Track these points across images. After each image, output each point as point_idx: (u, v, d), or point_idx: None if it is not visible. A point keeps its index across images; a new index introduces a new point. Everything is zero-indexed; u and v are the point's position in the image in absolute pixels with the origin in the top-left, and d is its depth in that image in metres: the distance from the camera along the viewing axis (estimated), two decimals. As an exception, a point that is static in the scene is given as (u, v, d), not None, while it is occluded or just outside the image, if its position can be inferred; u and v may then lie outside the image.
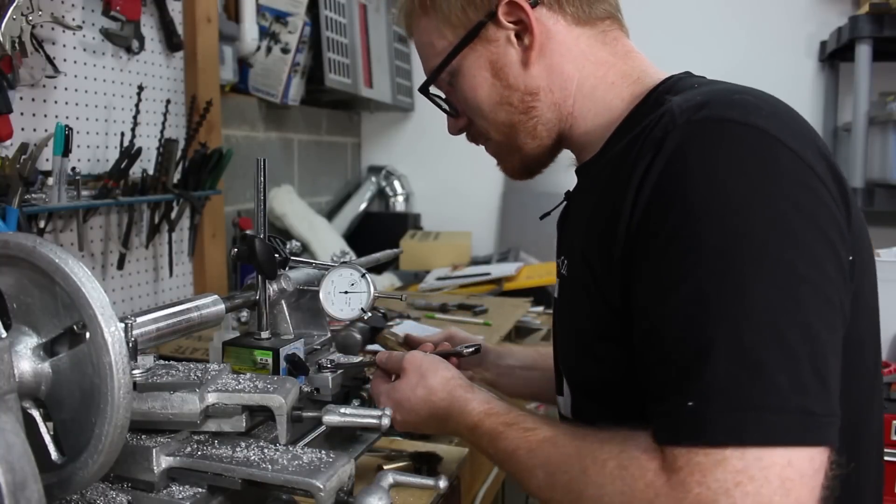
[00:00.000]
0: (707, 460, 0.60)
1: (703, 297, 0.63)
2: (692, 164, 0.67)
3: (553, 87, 0.88)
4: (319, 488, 0.70)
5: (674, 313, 0.65)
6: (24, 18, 1.26)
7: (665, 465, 0.62)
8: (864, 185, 2.33)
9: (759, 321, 0.61)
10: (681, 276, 0.65)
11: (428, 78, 0.94)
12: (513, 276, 2.29)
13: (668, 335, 0.66)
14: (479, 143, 0.99)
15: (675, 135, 0.69)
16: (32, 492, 0.56)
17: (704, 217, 0.65)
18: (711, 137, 0.68)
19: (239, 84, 2.13)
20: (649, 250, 0.69)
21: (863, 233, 0.77)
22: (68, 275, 0.63)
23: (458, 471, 1.06)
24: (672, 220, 0.67)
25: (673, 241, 0.67)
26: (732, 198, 0.65)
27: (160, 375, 0.80)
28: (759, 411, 0.60)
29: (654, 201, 0.69)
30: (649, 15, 2.69)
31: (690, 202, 0.66)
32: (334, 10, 2.37)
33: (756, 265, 0.63)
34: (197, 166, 1.70)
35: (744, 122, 0.68)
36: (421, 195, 3.09)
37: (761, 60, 2.69)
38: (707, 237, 0.65)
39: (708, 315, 0.63)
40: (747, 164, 0.66)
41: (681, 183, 0.67)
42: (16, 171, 1.27)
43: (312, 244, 2.36)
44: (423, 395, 0.91)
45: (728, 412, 0.60)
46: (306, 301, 1.10)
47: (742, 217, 0.64)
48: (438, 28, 0.91)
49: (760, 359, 0.61)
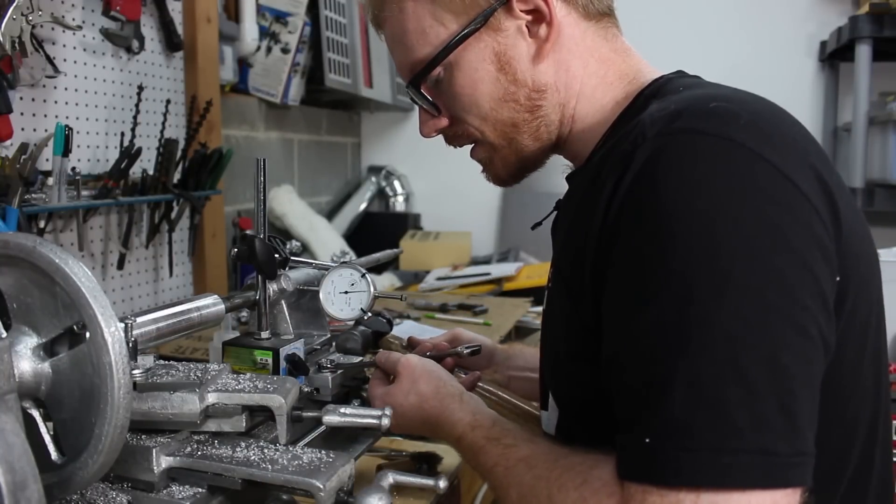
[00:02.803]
0: (661, 501, 0.57)
1: (664, 327, 0.60)
2: (659, 182, 0.63)
3: (559, 85, 0.83)
4: (319, 488, 0.70)
5: (634, 342, 0.62)
6: (24, 18, 1.26)
7: (622, 501, 0.61)
8: (864, 185, 2.33)
9: (719, 355, 0.57)
10: (643, 301, 0.62)
11: (422, 70, 0.84)
12: (513, 276, 2.29)
13: (629, 364, 0.63)
14: (460, 145, 0.91)
15: (645, 148, 0.65)
16: (32, 492, 0.56)
17: (669, 240, 0.61)
18: (680, 152, 0.63)
19: (239, 84, 2.13)
20: (615, 272, 0.66)
21: (862, 246, 0.72)
22: (68, 275, 0.63)
23: (458, 471, 1.06)
24: (637, 241, 0.63)
25: (637, 263, 0.63)
26: (699, 220, 0.60)
27: (160, 375, 0.80)
28: (715, 452, 0.56)
29: (621, 220, 0.65)
30: (649, 15, 2.69)
31: (656, 224, 0.62)
32: (334, 10, 2.37)
33: (720, 293, 0.58)
34: (197, 166, 1.70)
35: (717, 134, 0.63)
36: (421, 195, 3.09)
37: (761, 60, 2.69)
38: (671, 261, 0.60)
39: (668, 346, 0.59)
40: (717, 182, 0.61)
41: (647, 203, 0.63)
42: (16, 171, 1.27)
43: (312, 244, 2.36)
44: (415, 401, 0.90)
45: (683, 451, 0.57)
46: (306, 301, 1.10)
47: (708, 241, 0.60)
48: (435, 13, 0.81)
49: (719, 396, 0.57)
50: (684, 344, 0.59)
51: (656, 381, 0.59)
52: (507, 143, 0.86)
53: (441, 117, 0.88)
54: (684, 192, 0.61)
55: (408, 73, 0.87)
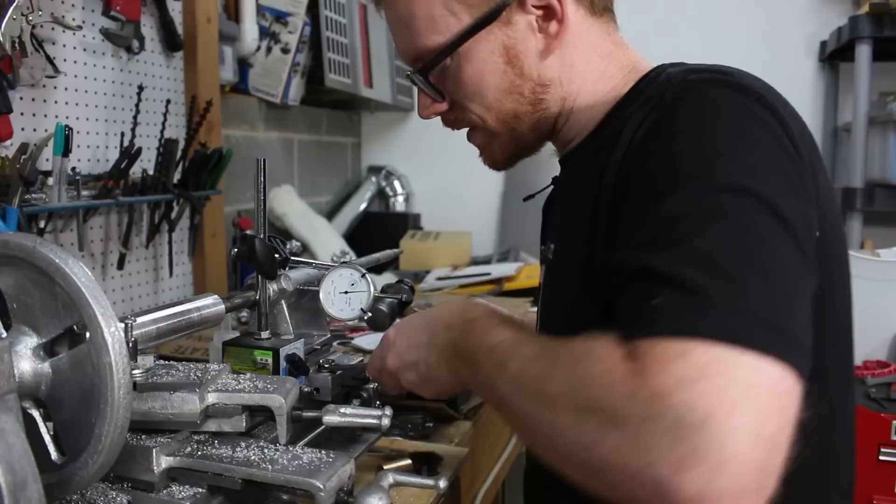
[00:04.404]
0: (669, 351, 0.54)
1: (682, 214, 0.62)
2: (680, 111, 0.70)
3: (563, 79, 0.86)
4: (319, 488, 0.70)
5: (651, 229, 0.64)
6: (24, 18, 1.26)
7: (628, 354, 0.57)
8: (864, 185, 2.33)
9: (736, 242, 0.60)
10: (664, 193, 0.64)
11: (432, 59, 0.85)
12: (513, 276, 2.29)
13: (645, 244, 0.63)
14: (457, 129, 0.93)
15: (671, 93, 0.72)
16: (32, 492, 0.56)
17: (687, 153, 0.66)
18: (703, 92, 0.71)
19: (239, 84, 2.13)
20: (631, 188, 0.69)
21: (836, 220, 0.77)
22: (68, 275, 0.63)
23: (458, 471, 1.07)
24: (655, 159, 0.68)
25: (654, 173, 0.67)
26: (717, 142, 0.66)
27: (160, 375, 0.80)
28: (728, 313, 0.55)
29: (641, 146, 0.70)
30: (650, 15, 2.69)
31: (675, 141, 0.67)
32: (334, 10, 2.37)
33: (733, 196, 0.62)
34: (197, 166, 1.70)
35: (738, 83, 0.71)
36: (421, 195, 3.09)
37: (761, 60, 2.67)
38: (688, 167, 0.65)
39: (686, 229, 0.61)
40: (733, 112, 0.68)
41: (667, 127, 0.69)
42: (16, 171, 1.27)
43: (312, 244, 2.36)
44: (427, 312, 0.90)
45: (696, 309, 0.56)
46: (306, 301, 1.10)
47: (725, 157, 0.65)
48: (447, 3, 0.82)
49: (736, 272, 0.58)
50: (701, 228, 0.60)
51: (672, 258, 0.60)
52: (506, 132, 0.89)
53: (442, 103, 0.90)
54: (706, 117, 0.69)
55: (412, 58, 0.88)
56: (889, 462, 1.71)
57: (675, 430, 0.50)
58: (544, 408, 0.60)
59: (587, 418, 0.56)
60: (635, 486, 0.53)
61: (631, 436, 0.53)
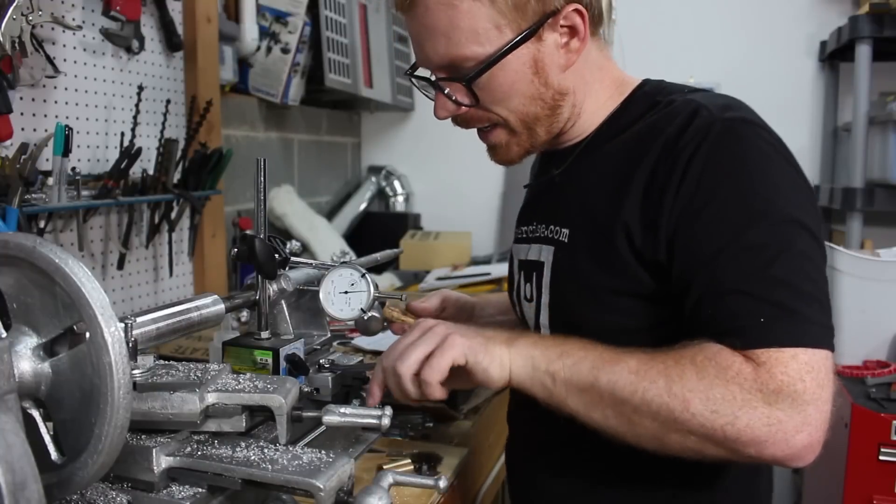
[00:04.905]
0: (784, 356, 0.78)
1: (762, 245, 0.82)
2: (744, 147, 0.86)
3: (577, 90, 0.97)
4: (319, 488, 0.70)
5: (738, 255, 0.82)
6: (24, 18, 1.26)
7: (748, 360, 0.79)
8: (864, 185, 2.32)
9: (802, 268, 0.82)
10: (744, 226, 0.82)
11: (477, 70, 0.91)
12: (513, 276, 2.29)
13: (735, 272, 0.82)
14: (472, 128, 1.00)
15: (719, 125, 0.86)
16: (32, 492, 0.56)
17: (749, 190, 0.84)
18: (749, 130, 0.87)
19: (239, 84, 2.13)
20: (709, 209, 0.84)
21: None
22: (68, 275, 0.63)
23: (458, 471, 1.07)
24: (728, 186, 0.84)
25: (734, 199, 0.84)
26: (768, 178, 0.85)
27: (160, 375, 0.80)
28: (810, 324, 0.79)
29: (706, 175, 0.85)
30: (649, 15, 2.69)
31: (745, 175, 0.85)
32: (334, 10, 2.37)
33: (791, 228, 0.82)
34: (197, 166, 1.70)
35: (760, 124, 0.89)
36: (421, 195, 3.09)
37: (761, 60, 2.69)
38: (755, 204, 0.83)
39: (767, 258, 0.81)
40: (769, 150, 0.87)
41: (733, 161, 0.85)
42: (16, 171, 1.27)
43: (312, 244, 2.36)
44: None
45: (793, 324, 0.79)
46: (306, 301, 1.10)
47: (780, 194, 0.84)
48: (492, 17, 0.89)
49: (808, 292, 0.81)
50: (775, 257, 0.81)
51: (761, 283, 0.81)
52: (525, 131, 0.98)
53: (464, 106, 0.96)
54: (761, 157, 0.86)
55: (443, 64, 0.94)
56: (889, 462, 1.71)
57: (795, 406, 0.76)
58: (676, 401, 0.79)
59: (722, 407, 0.77)
60: (762, 447, 0.77)
61: (763, 415, 0.76)
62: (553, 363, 0.85)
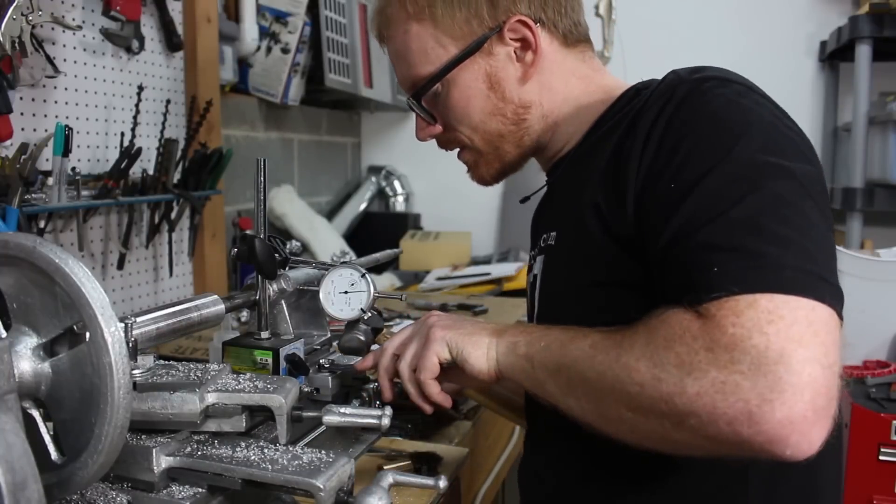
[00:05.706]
0: (738, 304, 0.63)
1: (720, 190, 0.70)
2: (706, 100, 0.77)
3: (543, 101, 0.96)
4: (319, 488, 0.70)
5: (692, 207, 0.71)
6: (24, 18, 1.26)
7: (699, 314, 0.65)
8: (864, 185, 2.33)
9: (772, 208, 0.68)
10: (698, 176, 0.71)
11: (423, 86, 0.96)
12: (513, 276, 2.29)
13: (690, 225, 0.70)
14: (450, 149, 1.04)
15: (684, 86, 0.79)
16: (32, 492, 0.56)
17: (710, 139, 0.73)
18: (716, 85, 0.78)
19: (239, 84, 2.13)
20: (670, 166, 0.75)
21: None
22: (68, 275, 0.63)
23: (458, 471, 1.07)
24: (697, 136, 0.74)
25: (700, 150, 0.73)
26: (735, 127, 0.74)
27: (160, 375, 0.80)
28: (781, 268, 0.64)
29: (668, 133, 0.76)
30: (650, 15, 2.69)
31: (696, 131, 0.75)
32: (334, 10, 2.37)
33: (771, 172, 0.70)
34: (197, 166, 1.70)
35: (740, 80, 0.80)
36: (421, 195, 3.09)
37: (761, 60, 2.68)
38: (715, 151, 0.72)
39: (726, 203, 0.69)
40: (742, 101, 0.77)
41: (695, 115, 0.76)
42: (16, 171, 1.27)
43: (312, 244, 2.36)
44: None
45: (753, 268, 0.65)
46: (306, 301, 1.10)
47: (743, 138, 0.72)
48: (436, 36, 0.94)
49: (778, 233, 0.66)
50: (738, 200, 0.69)
51: (718, 227, 0.68)
52: (492, 150, 0.99)
53: (436, 125, 1.01)
54: (731, 105, 0.76)
55: (409, 87, 1.00)
56: (889, 462, 1.72)
57: (755, 367, 0.59)
58: (624, 372, 0.67)
59: (667, 374, 0.64)
60: (722, 424, 0.61)
61: (715, 380, 0.61)
62: (531, 346, 0.80)
